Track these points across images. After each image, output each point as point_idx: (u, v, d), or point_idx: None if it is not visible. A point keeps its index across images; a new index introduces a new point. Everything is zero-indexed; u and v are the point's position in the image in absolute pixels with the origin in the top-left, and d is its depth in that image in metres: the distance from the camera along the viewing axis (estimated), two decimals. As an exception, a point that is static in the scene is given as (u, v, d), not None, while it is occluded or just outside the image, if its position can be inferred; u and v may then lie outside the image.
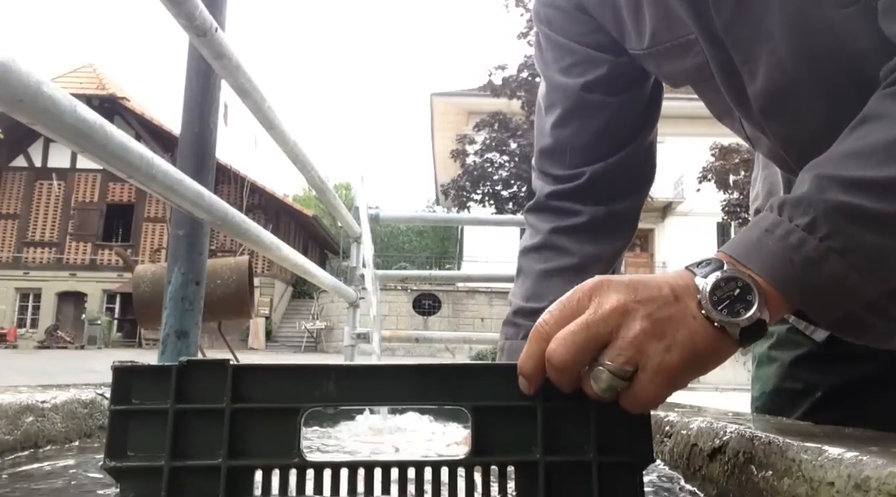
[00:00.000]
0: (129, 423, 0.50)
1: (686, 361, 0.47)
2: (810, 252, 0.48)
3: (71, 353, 18.35)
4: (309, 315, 23.86)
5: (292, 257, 2.15)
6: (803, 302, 0.49)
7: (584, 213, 0.86)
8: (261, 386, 0.51)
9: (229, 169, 21.80)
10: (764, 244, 0.49)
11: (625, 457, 0.50)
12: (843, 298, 0.49)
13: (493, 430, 0.51)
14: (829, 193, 0.49)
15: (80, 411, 0.75)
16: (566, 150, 0.86)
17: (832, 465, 0.40)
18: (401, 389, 0.53)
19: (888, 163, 0.48)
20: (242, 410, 0.50)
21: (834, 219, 0.48)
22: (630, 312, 0.47)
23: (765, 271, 0.48)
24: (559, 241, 0.86)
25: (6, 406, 0.65)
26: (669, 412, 0.75)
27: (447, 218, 11.68)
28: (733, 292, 0.47)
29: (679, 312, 0.47)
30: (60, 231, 24.39)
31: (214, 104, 1.74)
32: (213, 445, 0.49)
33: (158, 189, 1.19)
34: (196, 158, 1.67)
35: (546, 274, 0.85)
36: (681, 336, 0.47)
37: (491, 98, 21.45)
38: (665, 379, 0.47)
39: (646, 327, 0.46)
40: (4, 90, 0.74)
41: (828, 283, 0.48)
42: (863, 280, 0.48)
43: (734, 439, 0.54)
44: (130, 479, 0.49)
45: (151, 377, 0.51)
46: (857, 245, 0.48)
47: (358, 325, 3.35)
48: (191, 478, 0.49)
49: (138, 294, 3.91)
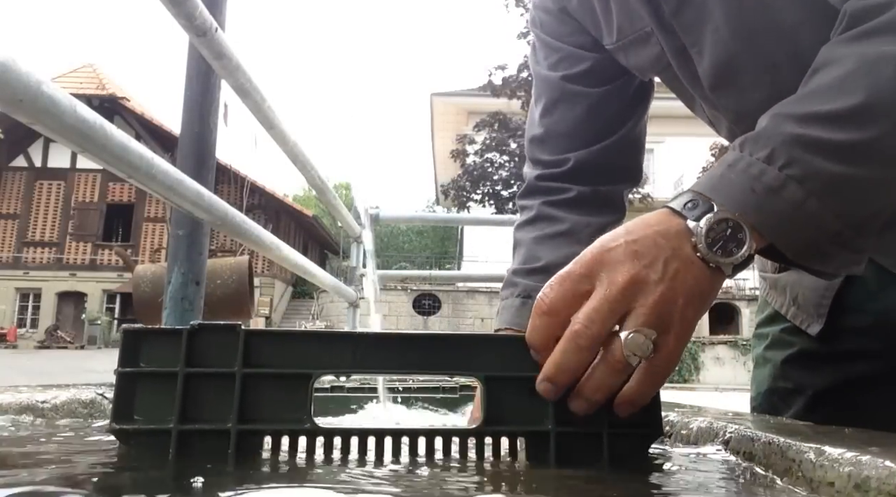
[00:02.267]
0: (137, 386, 0.49)
1: (697, 309, 0.50)
2: (770, 181, 0.51)
3: (71, 353, 18.35)
4: (309, 315, 23.84)
5: (292, 257, 2.15)
6: (768, 230, 0.51)
7: (573, 190, 0.91)
8: (272, 351, 0.50)
9: (229, 169, 21.79)
10: (727, 178, 0.52)
11: (635, 430, 0.51)
12: (806, 226, 0.51)
13: (504, 400, 0.51)
14: (785, 127, 0.52)
15: (80, 411, 0.75)
16: (552, 137, 0.92)
17: (832, 465, 0.40)
18: (413, 358, 0.52)
19: (840, 97, 0.51)
20: (254, 375, 0.49)
21: (791, 149, 0.51)
22: (643, 281, 0.48)
23: (728, 202, 0.51)
24: (550, 211, 0.91)
25: (6, 406, 0.65)
26: (669, 412, 0.75)
27: (447, 218, 11.69)
28: (725, 232, 0.50)
29: (682, 263, 0.49)
30: (60, 231, 24.39)
31: (214, 104, 1.74)
32: (224, 410, 0.48)
33: (158, 189, 1.19)
34: (196, 158, 1.67)
35: (539, 239, 0.89)
36: (689, 285, 0.49)
37: (491, 98, 21.45)
38: (686, 332, 0.49)
39: (663, 291, 0.48)
40: (4, 90, 0.74)
41: (789, 210, 0.50)
42: (822, 206, 0.50)
43: (734, 439, 0.54)
44: (137, 442, 0.48)
45: (161, 340, 0.50)
46: (815, 172, 0.50)
47: (358, 326, 3.35)
48: (200, 441, 0.48)
49: (138, 294, 3.90)
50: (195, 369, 0.49)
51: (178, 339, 0.49)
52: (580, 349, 0.48)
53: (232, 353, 0.49)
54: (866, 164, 0.51)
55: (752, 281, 21.98)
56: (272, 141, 1.92)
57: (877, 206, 0.53)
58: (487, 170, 22.28)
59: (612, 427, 0.50)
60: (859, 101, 0.51)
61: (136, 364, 0.49)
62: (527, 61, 20.37)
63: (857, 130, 0.51)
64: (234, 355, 0.49)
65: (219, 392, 0.49)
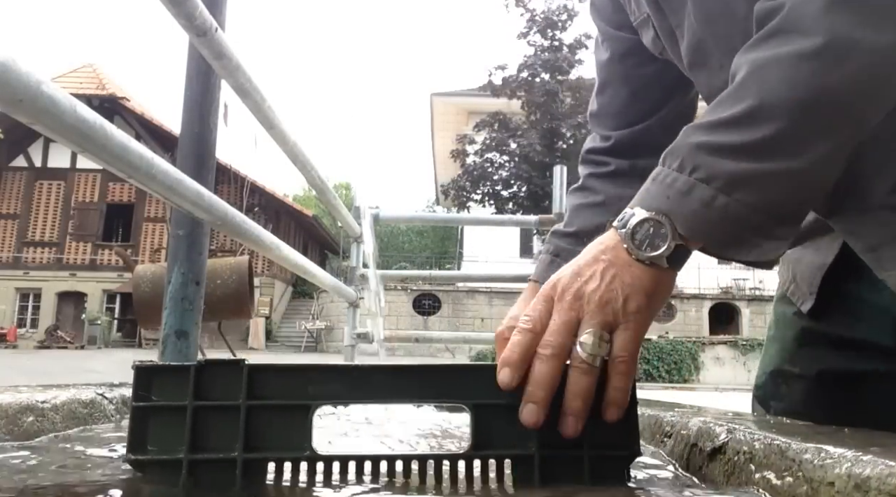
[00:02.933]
0: (150, 419, 0.52)
1: (644, 301, 0.56)
2: (681, 186, 0.58)
3: (71, 353, 18.35)
4: (309, 315, 23.85)
5: (292, 257, 2.15)
6: (687, 229, 0.57)
7: (612, 165, 1.04)
8: (274, 384, 0.54)
9: (229, 169, 21.79)
10: (649, 190, 0.60)
11: (614, 451, 0.54)
12: (722, 221, 0.57)
13: (491, 425, 0.54)
14: (692, 138, 0.59)
15: (80, 411, 0.75)
16: (602, 116, 1.05)
17: (832, 465, 0.40)
18: (405, 388, 0.56)
19: (736, 103, 0.57)
20: (257, 407, 0.53)
21: (696, 156, 0.58)
22: (583, 293, 0.56)
23: (646, 204, 0.58)
24: (591, 183, 1.05)
25: (6, 406, 0.65)
26: (669, 412, 0.75)
27: (447, 218, 11.69)
28: (648, 231, 0.57)
29: (619, 268, 0.57)
30: (60, 231, 24.39)
31: (214, 104, 1.74)
32: (230, 440, 0.52)
33: (158, 189, 1.19)
34: (196, 158, 1.67)
35: (578, 207, 1.05)
36: (627, 282, 0.56)
37: (491, 98, 21.46)
38: (638, 323, 0.56)
39: (601, 296, 0.56)
40: (4, 90, 0.74)
41: (701, 209, 0.57)
42: (733, 201, 0.56)
43: (734, 439, 0.54)
44: (150, 472, 0.52)
45: (171, 376, 0.53)
46: (718, 172, 0.56)
47: (358, 325, 3.35)
48: (208, 470, 0.51)
49: (138, 294, 3.90)
50: (203, 403, 0.53)
51: (187, 374, 0.53)
52: (547, 360, 0.54)
53: (236, 386, 0.53)
54: (768, 161, 0.56)
55: (751, 281, 21.98)
56: (272, 141, 1.92)
57: (797, 197, 0.58)
58: (487, 170, 22.28)
59: (593, 448, 0.54)
60: (752, 104, 0.57)
61: (149, 398, 0.53)
62: (527, 61, 20.33)
63: (753, 131, 0.56)
64: (238, 389, 0.53)
65: (225, 423, 0.52)
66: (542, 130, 20.96)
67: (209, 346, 3.85)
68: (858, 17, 0.56)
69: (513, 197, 22.26)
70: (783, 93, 0.56)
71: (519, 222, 4.73)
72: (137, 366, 0.53)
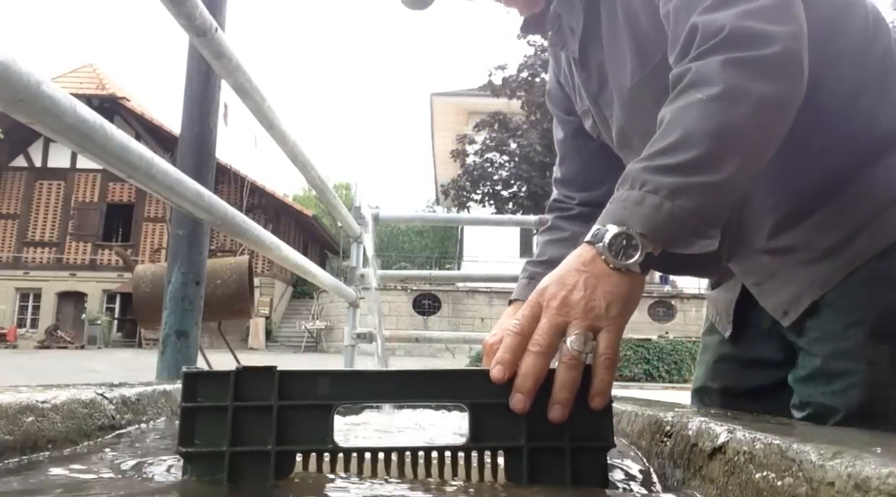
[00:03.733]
0: (196, 418, 0.61)
1: (622, 304, 0.67)
2: (635, 198, 0.71)
3: (71, 353, 18.36)
4: (309, 315, 23.85)
5: (292, 257, 2.15)
6: (647, 231, 0.69)
7: (576, 209, 1.24)
8: (301, 387, 0.63)
9: (229, 169, 21.79)
10: (609, 209, 0.73)
11: (591, 442, 0.63)
12: (670, 223, 0.69)
13: (486, 422, 0.63)
14: (637, 165, 0.74)
15: (80, 411, 0.75)
16: (564, 182, 1.25)
17: (832, 465, 0.40)
18: (413, 390, 0.66)
19: (666, 138, 0.73)
20: (286, 407, 0.62)
21: (643, 175, 0.72)
22: (570, 300, 0.67)
23: (614, 221, 0.70)
24: (559, 223, 1.24)
25: (6, 406, 0.65)
26: (669, 412, 0.75)
27: (447, 218, 11.68)
28: (622, 243, 0.69)
29: (597, 276, 0.68)
30: (60, 231, 24.40)
31: (214, 104, 1.74)
32: (264, 434, 0.61)
33: (158, 189, 1.19)
34: (196, 158, 1.67)
35: (549, 242, 1.23)
36: (608, 290, 0.67)
37: (491, 98, 21.44)
38: (618, 327, 0.67)
39: (586, 303, 0.66)
40: (4, 90, 0.74)
41: (653, 213, 0.69)
42: (675, 206, 0.69)
43: (734, 439, 0.54)
44: (197, 462, 0.60)
45: (214, 380, 0.62)
46: (662, 184, 0.70)
47: (358, 325, 3.35)
48: (245, 460, 0.60)
49: (138, 294, 3.90)
50: (241, 403, 0.61)
51: (227, 379, 0.62)
52: (536, 355, 0.63)
53: (269, 389, 0.62)
54: (697, 175, 0.71)
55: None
56: (272, 141, 1.92)
57: (718, 203, 0.72)
58: (487, 170, 22.27)
59: (573, 441, 0.62)
60: (679, 135, 0.72)
61: (195, 400, 0.61)
62: (527, 61, 20.39)
63: (682, 154, 0.71)
64: (271, 391, 0.62)
65: (260, 420, 0.61)
66: (542, 130, 20.94)
67: (209, 346, 3.83)
68: (747, 72, 0.73)
69: (513, 197, 22.26)
70: (700, 126, 0.72)
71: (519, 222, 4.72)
72: (185, 372, 0.62)
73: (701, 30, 0.76)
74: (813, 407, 0.88)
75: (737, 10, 0.75)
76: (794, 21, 0.75)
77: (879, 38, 0.90)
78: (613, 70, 0.97)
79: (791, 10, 0.76)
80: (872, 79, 0.88)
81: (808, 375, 0.89)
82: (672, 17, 0.82)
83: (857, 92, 0.88)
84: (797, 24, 0.75)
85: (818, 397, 0.87)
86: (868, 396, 0.83)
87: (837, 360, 0.86)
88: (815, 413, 0.87)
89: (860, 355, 0.84)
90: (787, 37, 0.74)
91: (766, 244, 0.91)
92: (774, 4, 0.75)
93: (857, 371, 0.84)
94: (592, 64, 1.01)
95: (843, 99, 0.87)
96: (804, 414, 0.89)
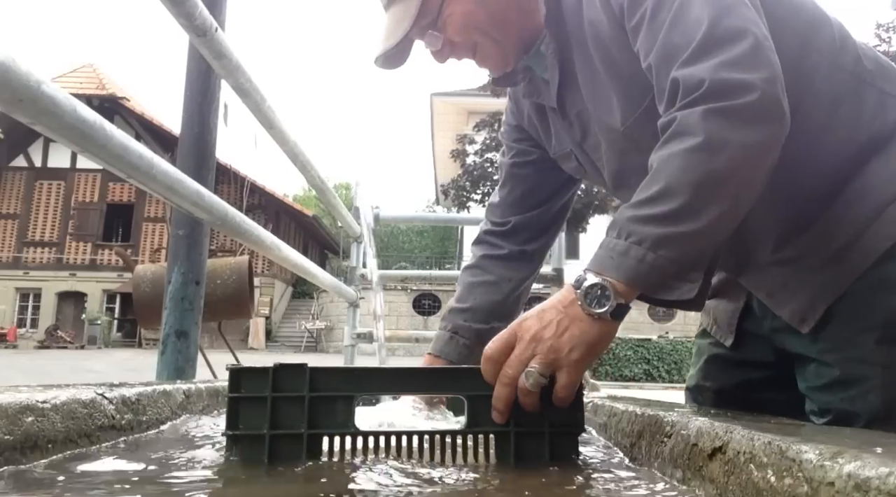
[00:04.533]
0: (240, 406, 0.73)
1: (585, 349, 0.76)
2: (621, 248, 0.77)
3: (71, 353, 18.35)
4: (309, 315, 23.85)
5: (292, 257, 2.15)
6: (627, 280, 0.76)
7: (505, 248, 1.26)
8: (328, 380, 0.75)
9: (229, 169, 21.79)
10: (598, 255, 0.79)
11: (566, 428, 0.76)
12: (652, 272, 0.76)
13: (480, 411, 0.76)
14: (625, 214, 0.80)
15: (80, 411, 0.75)
16: (502, 205, 1.28)
17: (832, 465, 0.40)
18: (420, 383, 0.85)
19: (651, 187, 0.79)
20: (316, 397, 0.74)
21: (630, 226, 0.78)
22: (541, 337, 0.76)
23: (597, 268, 0.78)
24: (484, 264, 1.26)
25: (6, 406, 0.65)
26: (670, 412, 0.75)
27: (447, 218, 11.68)
28: (597, 292, 0.76)
29: (571, 319, 0.77)
30: (60, 231, 24.39)
31: (214, 104, 1.74)
32: (297, 420, 0.73)
33: (158, 189, 1.19)
34: (196, 158, 1.67)
35: (472, 285, 1.25)
36: (576, 334, 0.76)
37: (491, 98, 21.38)
38: (577, 370, 0.76)
39: (552, 344, 0.76)
40: (4, 90, 0.74)
41: (636, 264, 0.76)
42: (657, 256, 0.76)
43: (734, 439, 0.54)
44: (241, 443, 0.72)
45: (255, 375, 0.74)
46: (646, 236, 0.76)
47: (358, 325, 3.35)
48: (281, 442, 0.72)
49: (138, 294, 3.90)
50: (278, 394, 0.73)
51: (266, 374, 0.73)
52: (505, 386, 0.75)
53: (301, 382, 0.74)
54: (678, 225, 0.76)
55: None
56: (272, 141, 1.92)
57: (700, 249, 0.79)
58: (487, 170, 22.24)
59: (551, 427, 0.76)
60: (662, 186, 0.78)
61: (239, 391, 0.73)
62: (527, 61, 20.63)
63: (665, 205, 0.77)
64: (303, 384, 0.74)
65: (294, 409, 0.73)
66: (542, 130, 20.90)
67: (209, 346, 3.81)
68: (727, 122, 0.77)
69: (513, 197, 22.21)
70: (682, 177, 0.77)
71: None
72: (231, 368, 0.74)
73: (682, 84, 0.80)
74: (834, 413, 0.90)
75: (713, 61, 0.79)
76: (768, 66, 0.79)
77: (847, 47, 0.94)
78: (598, 116, 1.00)
79: (764, 54, 0.79)
80: (848, 88, 0.92)
81: (825, 384, 0.92)
82: (654, 72, 0.86)
83: (836, 103, 0.91)
84: (771, 68, 0.79)
85: (837, 404, 0.90)
86: (885, 399, 0.86)
87: (852, 367, 0.88)
88: (837, 419, 0.90)
89: (873, 360, 0.87)
90: (763, 82, 0.77)
91: (773, 256, 0.93)
92: (748, 52, 0.79)
93: (872, 376, 0.87)
94: (571, 113, 1.05)
95: (824, 112, 0.91)
96: (826, 420, 0.92)
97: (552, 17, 1.01)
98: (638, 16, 0.88)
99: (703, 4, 0.82)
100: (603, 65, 0.96)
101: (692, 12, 0.82)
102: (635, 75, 0.91)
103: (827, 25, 0.94)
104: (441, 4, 0.99)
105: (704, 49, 0.80)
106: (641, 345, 15.76)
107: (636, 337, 16.00)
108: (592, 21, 0.95)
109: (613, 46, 0.93)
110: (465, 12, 1.00)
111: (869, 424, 0.86)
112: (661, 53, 0.84)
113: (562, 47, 1.01)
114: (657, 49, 0.84)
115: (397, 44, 1.00)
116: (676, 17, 0.83)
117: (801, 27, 0.92)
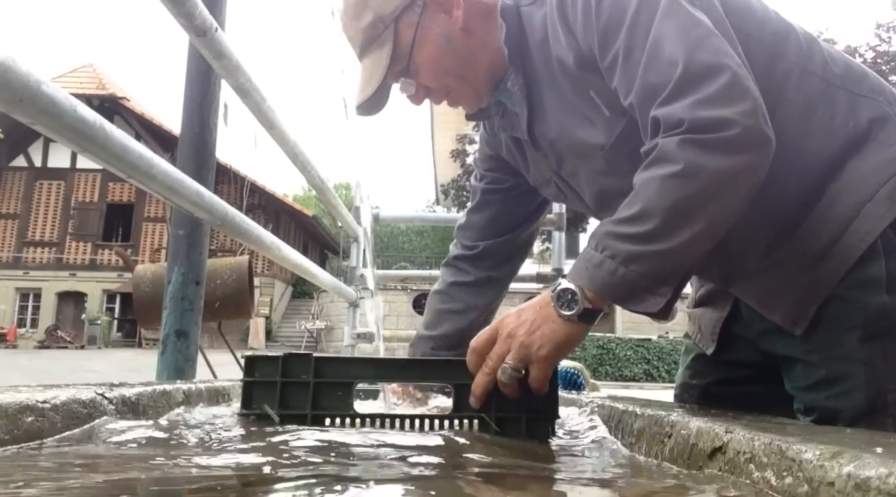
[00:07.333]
0: (253, 389, 0.86)
1: (553, 347, 0.85)
2: (596, 260, 0.85)
3: (71, 352, 18.35)
4: (309, 315, 23.83)
5: (292, 257, 2.15)
6: (597, 290, 0.85)
7: (472, 275, 1.35)
8: (330, 368, 0.88)
9: (229, 169, 21.75)
10: (577, 264, 0.88)
11: (541, 414, 0.88)
12: (622, 285, 0.84)
13: (466, 398, 0.88)
14: (603, 229, 0.87)
15: (80, 411, 0.75)
16: (472, 228, 1.36)
17: (832, 465, 0.40)
18: (412, 373, 1.00)
19: (630, 208, 0.85)
20: (320, 382, 0.86)
21: (606, 240, 0.85)
22: (515, 334, 0.87)
23: (575, 278, 0.86)
24: (452, 291, 1.35)
25: (6, 406, 0.65)
26: (669, 412, 0.75)
27: (447, 218, 11.62)
28: (567, 296, 0.86)
29: (544, 320, 0.86)
30: (60, 231, 24.37)
31: (214, 104, 1.74)
32: (303, 402, 0.85)
33: (158, 189, 1.19)
34: (196, 158, 1.67)
35: (441, 312, 1.35)
36: (546, 333, 0.86)
37: (491, 98, 21.36)
38: (545, 365, 0.86)
39: (523, 341, 0.86)
40: (4, 90, 0.74)
41: (608, 277, 0.84)
42: (628, 270, 0.83)
43: (734, 439, 0.54)
44: (255, 421, 0.84)
45: (266, 362, 0.87)
46: (619, 251, 0.84)
47: (358, 325, 3.35)
48: (289, 422, 0.83)
49: (138, 294, 3.90)
50: (286, 379, 0.86)
51: (276, 361, 0.86)
52: (485, 375, 0.87)
53: (307, 369, 0.87)
54: (650, 244, 0.82)
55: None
56: (272, 141, 1.92)
57: (669, 267, 0.84)
58: (487, 170, 22.20)
59: (529, 413, 0.88)
60: (639, 208, 0.84)
61: (253, 376, 0.87)
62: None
63: (640, 226, 0.83)
64: (308, 370, 0.86)
65: (300, 392, 0.86)
66: (542, 130, 20.90)
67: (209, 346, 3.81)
68: (703, 150, 0.81)
69: (513, 197, 22.21)
70: (658, 200, 0.83)
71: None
72: (246, 356, 0.89)
73: (662, 123, 0.84)
74: (819, 411, 0.93)
75: (690, 100, 0.82)
76: (746, 97, 0.81)
77: (815, 52, 0.96)
78: (573, 143, 1.03)
79: (740, 87, 0.81)
80: (819, 93, 0.94)
81: (811, 384, 0.94)
82: (636, 109, 0.89)
83: (809, 109, 0.93)
84: (749, 99, 0.81)
85: (822, 402, 0.93)
86: (868, 395, 0.89)
87: (836, 366, 0.91)
88: (822, 417, 0.92)
89: (856, 358, 0.89)
90: (742, 116, 0.80)
91: (762, 263, 0.96)
92: (725, 87, 0.81)
93: (855, 374, 0.89)
94: (544, 144, 1.08)
95: (799, 119, 0.93)
96: (811, 418, 0.94)
97: (515, 54, 1.03)
98: (611, 56, 0.90)
99: (675, 41, 0.84)
100: (576, 95, 0.99)
101: (665, 51, 0.85)
102: (610, 105, 0.95)
103: (793, 33, 0.96)
104: (410, 51, 1.02)
105: (681, 89, 0.83)
106: (641, 345, 15.75)
107: (636, 337, 16.00)
108: (559, 57, 0.98)
109: (583, 80, 0.96)
110: (435, 57, 1.03)
111: (853, 421, 0.87)
112: (640, 95, 0.87)
113: (529, 82, 1.04)
114: (636, 91, 0.87)
115: (374, 92, 1.04)
116: (651, 56, 0.86)
117: (767, 39, 0.95)
